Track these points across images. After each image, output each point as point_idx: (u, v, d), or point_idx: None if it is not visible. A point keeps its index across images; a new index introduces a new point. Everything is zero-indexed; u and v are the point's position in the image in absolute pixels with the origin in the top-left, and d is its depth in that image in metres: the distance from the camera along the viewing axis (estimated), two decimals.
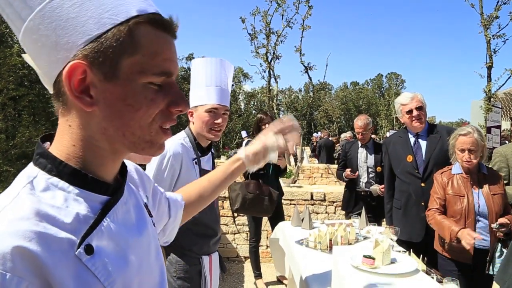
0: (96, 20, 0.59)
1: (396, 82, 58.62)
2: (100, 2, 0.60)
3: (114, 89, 0.61)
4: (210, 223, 2.02)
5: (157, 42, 0.63)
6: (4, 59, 8.00)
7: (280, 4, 10.36)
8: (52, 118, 11.99)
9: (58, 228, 0.58)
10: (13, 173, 8.43)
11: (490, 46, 8.55)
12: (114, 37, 0.60)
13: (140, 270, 0.72)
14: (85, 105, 0.61)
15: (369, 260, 2.04)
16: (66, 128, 0.65)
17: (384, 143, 3.65)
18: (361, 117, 4.32)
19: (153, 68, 0.63)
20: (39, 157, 0.65)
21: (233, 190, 3.86)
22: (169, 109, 0.67)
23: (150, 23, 0.63)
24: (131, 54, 0.61)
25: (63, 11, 0.59)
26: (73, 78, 0.60)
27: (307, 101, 35.80)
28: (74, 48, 0.59)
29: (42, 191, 0.61)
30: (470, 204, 2.53)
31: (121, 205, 0.71)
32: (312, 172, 10.58)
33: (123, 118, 0.63)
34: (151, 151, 0.68)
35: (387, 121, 49.19)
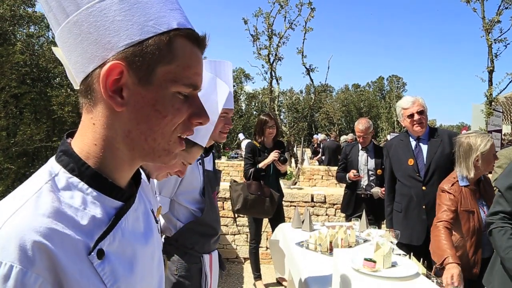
0: (140, 26, 0.63)
1: (397, 85, 58.58)
2: (146, 11, 0.64)
3: (146, 93, 0.64)
4: (212, 222, 2.05)
5: (190, 55, 0.67)
6: (7, 57, 8.02)
7: (283, 6, 10.40)
8: (54, 117, 12.01)
9: (74, 229, 0.59)
10: (14, 171, 8.47)
11: (491, 50, 8.57)
12: (155, 44, 0.63)
13: (142, 278, 0.73)
14: (116, 105, 0.63)
15: (370, 263, 2.05)
16: (90, 126, 0.66)
17: (385, 147, 3.64)
18: (362, 121, 4.32)
19: (184, 79, 0.66)
20: (63, 154, 0.66)
21: (234, 191, 3.90)
22: (190, 120, 0.69)
23: (187, 37, 0.67)
24: (168, 63, 0.64)
25: (110, 13, 0.62)
26: (110, 77, 0.61)
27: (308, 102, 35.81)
28: (114, 49, 0.62)
29: (62, 189, 0.62)
30: (479, 220, 2.44)
31: (132, 212, 0.73)
32: (313, 174, 10.59)
33: (149, 122, 0.65)
34: (166, 159, 0.70)
35: (387, 124, 49.14)
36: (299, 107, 46.43)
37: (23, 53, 10.84)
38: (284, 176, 4.63)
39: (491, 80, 8.57)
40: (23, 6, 13.70)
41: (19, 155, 9.37)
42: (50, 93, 12.49)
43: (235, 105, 36.77)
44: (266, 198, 3.91)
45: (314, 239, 2.78)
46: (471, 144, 2.46)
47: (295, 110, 44.77)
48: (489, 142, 2.45)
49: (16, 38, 11.92)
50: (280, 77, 11.31)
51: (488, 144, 2.44)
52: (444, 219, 2.44)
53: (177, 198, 1.99)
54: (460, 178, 2.53)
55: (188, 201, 2.00)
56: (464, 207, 2.45)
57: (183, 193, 1.99)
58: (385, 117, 50.70)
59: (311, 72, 10.34)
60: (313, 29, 10.20)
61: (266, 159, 4.07)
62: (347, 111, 54.99)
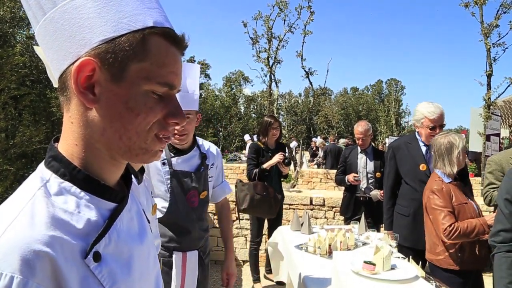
0: (114, 23, 0.63)
1: (396, 89, 58.61)
2: (121, 9, 0.64)
3: (118, 90, 0.64)
4: (182, 222, 2.13)
5: (166, 54, 0.66)
6: (7, 59, 8.02)
7: (282, 9, 10.43)
8: (53, 118, 11.99)
9: (70, 233, 0.59)
10: (12, 172, 8.44)
11: (490, 54, 8.60)
12: (128, 41, 0.63)
13: (140, 278, 0.73)
14: (87, 102, 0.63)
15: (370, 265, 2.06)
16: (69, 125, 0.66)
17: (391, 147, 3.50)
18: (361, 123, 4.34)
19: (158, 77, 0.65)
20: (52, 160, 0.66)
21: (241, 190, 3.99)
22: (166, 120, 0.69)
23: (163, 35, 0.66)
24: (141, 60, 0.64)
25: (85, 10, 0.62)
26: (81, 73, 0.62)
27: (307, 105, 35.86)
28: (87, 45, 0.62)
29: (55, 195, 0.62)
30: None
31: (126, 213, 0.73)
32: (311, 177, 10.59)
33: (122, 120, 0.64)
34: (144, 158, 0.69)
35: (386, 127, 49.21)
36: (298, 110, 46.45)
37: (23, 55, 10.83)
38: (285, 178, 4.68)
39: (490, 84, 8.59)
40: (23, 8, 13.66)
41: (18, 157, 9.35)
42: (50, 95, 12.47)
43: (234, 108, 36.83)
44: (271, 199, 3.99)
45: (313, 242, 2.78)
46: (452, 142, 2.61)
47: (294, 113, 44.80)
48: (464, 139, 2.64)
49: (16, 40, 11.91)
50: (280, 80, 11.35)
51: (464, 141, 2.63)
52: (451, 221, 2.46)
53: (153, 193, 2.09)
54: (443, 176, 2.63)
55: (158, 197, 2.12)
56: (457, 201, 2.53)
57: (154, 190, 2.11)
58: (383, 120, 50.77)
59: (310, 75, 10.37)
60: (312, 32, 10.23)
61: (270, 160, 4.15)
62: (345, 114, 55.02)
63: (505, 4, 8.51)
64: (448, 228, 2.44)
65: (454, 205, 2.52)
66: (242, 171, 10.53)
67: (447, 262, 2.53)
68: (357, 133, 4.30)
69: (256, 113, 45.70)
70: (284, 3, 10.35)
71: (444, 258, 2.55)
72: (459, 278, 2.50)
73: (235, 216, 5.28)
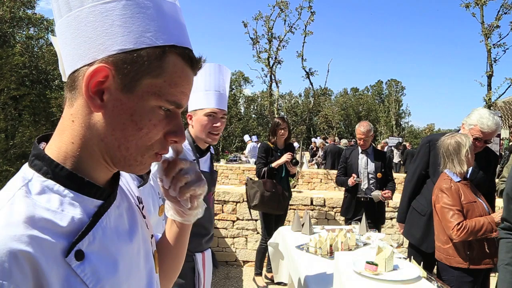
0: (137, 35, 0.63)
1: (396, 89, 58.68)
2: (147, 23, 0.64)
3: (126, 101, 0.64)
4: (204, 222, 2.08)
5: (180, 74, 0.67)
6: (7, 59, 8.02)
7: (283, 10, 10.41)
8: (53, 119, 12.00)
9: (52, 232, 0.58)
10: (12, 173, 8.44)
11: (490, 55, 8.60)
12: (147, 56, 0.63)
13: (129, 276, 0.72)
14: (94, 106, 0.63)
15: (372, 266, 2.05)
16: (69, 123, 0.66)
17: (429, 141, 3.18)
18: (363, 123, 4.33)
19: (169, 95, 0.66)
20: (35, 159, 0.65)
21: (251, 188, 4.20)
22: (166, 138, 0.69)
23: (182, 56, 0.67)
24: (155, 76, 0.64)
25: (111, 16, 0.63)
26: (94, 78, 0.62)
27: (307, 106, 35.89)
28: (106, 51, 0.62)
29: (37, 194, 0.61)
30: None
31: (114, 210, 0.71)
32: (312, 177, 10.59)
33: (124, 131, 0.65)
34: (137, 169, 0.69)
35: (386, 127, 49.27)
36: (298, 111, 46.51)
37: (23, 55, 10.84)
38: (293, 177, 4.79)
39: (490, 85, 8.59)
40: (22, 8, 13.71)
41: (18, 157, 9.35)
42: (49, 95, 12.50)
43: (234, 108, 36.88)
44: (279, 196, 4.20)
45: (314, 242, 2.78)
46: (459, 142, 2.63)
47: (294, 114, 44.83)
48: (470, 138, 2.65)
49: (15, 40, 11.93)
50: (280, 80, 11.33)
51: (471, 139, 2.65)
52: (459, 220, 2.47)
53: None
54: (452, 175, 2.64)
55: None
56: (466, 200, 2.55)
57: None
58: (383, 121, 50.84)
59: (311, 76, 10.35)
60: (313, 32, 10.22)
61: (279, 159, 4.30)
62: (345, 114, 55.12)
63: (506, 5, 8.50)
64: (456, 227, 2.45)
65: (463, 204, 2.54)
66: (243, 171, 10.53)
67: (456, 261, 2.53)
68: (359, 133, 4.29)
69: (256, 114, 45.76)
70: (285, 3, 10.34)
71: (453, 256, 2.55)
72: (469, 276, 2.51)
73: (236, 217, 5.29)
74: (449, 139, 2.68)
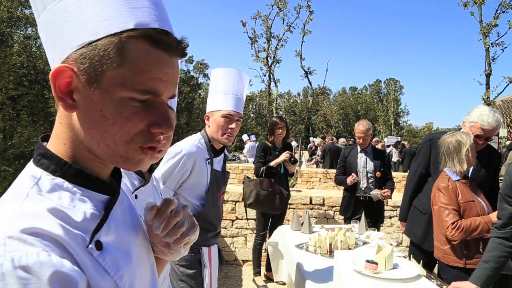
0: (93, 27, 0.60)
1: (395, 88, 58.73)
2: (102, 10, 0.61)
3: (94, 97, 0.61)
4: (212, 219, 2.16)
5: (146, 59, 0.61)
6: (4, 59, 8.01)
7: (281, 9, 10.43)
8: (51, 119, 11.96)
9: (71, 225, 0.60)
10: (11, 173, 8.42)
11: (489, 54, 8.63)
12: (104, 46, 0.60)
13: (139, 266, 0.74)
14: (66, 107, 0.62)
15: (372, 265, 2.05)
16: (58, 126, 0.67)
17: (430, 140, 3.21)
18: (362, 122, 4.31)
19: (135, 84, 0.61)
20: (41, 158, 0.65)
21: (247, 186, 4.17)
22: (150, 129, 0.65)
23: (146, 38, 0.62)
24: (117, 66, 0.60)
25: (67, 12, 0.61)
26: (59, 80, 0.61)
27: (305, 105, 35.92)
28: (68, 49, 0.61)
29: (48, 192, 0.61)
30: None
31: (119, 205, 0.73)
32: (311, 176, 10.59)
33: (98, 128, 0.63)
34: (125, 165, 0.68)
35: (385, 126, 49.32)
36: (297, 110, 46.53)
37: (21, 55, 10.81)
38: (292, 176, 4.77)
39: (489, 84, 8.63)
40: (20, 8, 13.67)
41: (16, 157, 9.34)
42: (48, 95, 12.46)
43: None
44: (277, 195, 4.17)
45: (314, 241, 2.78)
46: (460, 140, 2.61)
47: (293, 113, 44.85)
48: (471, 138, 2.63)
49: (13, 40, 11.89)
50: (278, 79, 11.35)
51: (471, 139, 2.63)
52: (454, 219, 2.48)
53: (183, 192, 2.10)
54: (452, 174, 2.63)
55: (193, 196, 2.11)
56: (464, 199, 2.54)
57: (189, 188, 2.10)
58: (382, 120, 50.87)
59: (310, 75, 10.37)
60: (311, 31, 10.24)
61: (277, 158, 4.30)
62: (344, 114, 55.14)
63: (504, 4, 8.54)
64: (451, 226, 2.45)
65: (460, 203, 2.53)
66: (241, 170, 10.52)
67: (453, 260, 2.54)
68: (358, 132, 4.26)
69: (254, 113, 45.76)
70: (283, 3, 10.36)
71: (450, 255, 2.56)
72: (467, 275, 2.50)
73: (235, 216, 5.29)
74: (450, 138, 2.67)
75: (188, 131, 29.09)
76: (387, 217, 5.38)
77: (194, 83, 35.18)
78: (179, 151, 2.02)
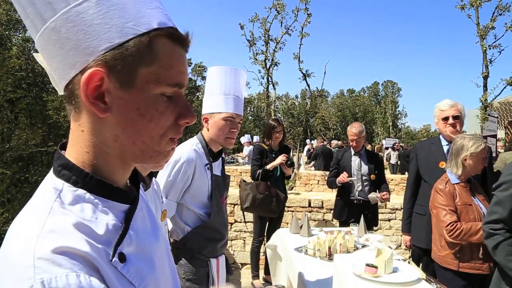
0: (119, 28, 0.61)
1: (392, 90, 58.88)
2: (124, 12, 0.62)
3: (128, 97, 0.63)
4: (219, 227, 2.06)
5: (172, 55, 0.66)
6: (3, 61, 7.99)
7: (279, 11, 10.45)
8: (49, 121, 11.94)
9: (94, 239, 0.60)
10: (9, 176, 8.40)
11: (486, 56, 8.66)
12: (135, 46, 0.61)
13: (162, 273, 0.75)
14: (99, 111, 0.62)
15: (372, 268, 2.05)
16: (79, 134, 0.65)
17: (414, 148, 3.53)
18: (355, 125, 4.25)
19: (168, 79, 0.65)
20: (62, 169, 0.65)
21: (244, 190, 4.16)
22: (177, 122, 0.68)
23: (169, 36, 0.66)
24: (149, 64, 0.63)
25: (87, 16, 0.60)
26: (90, 84, 0.60)
27: (303, 107, 35.91)
28: (94, 53, 0.61)
29: (70, 204, 0.61)
30: (478, 211, 2.52)
31: (139, 212, 0.73)
32: (309, 179, 10.58)
33: (135, 126, 0.64)
34: (158, 159, 0.69)
35: (383, 129, 49.37)
36: (295, 112, 46.52)
37: (19, 57, 10.79)
38: (288, 179, 4.75)
39: (486, 86, 8.65)
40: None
41: (14, 160, 9.31)
42: (46, 98, 12.44)
43: None
44: (273, 198, 4.16)
45: (313, 244, 2.77)
46: (463, 144, 2.61)
47: (291, 115, 44.84)
48: (480, 146, 2.57)
49: (11, 42, 11.87)
50: (277, 82, 11.36)
51: (479, 147, 2.56)
52: (452, 219, 2.49)
53: (185, 202, 1.99)
54: (451, 176, 2.64)
55: (196, 205, 2.00)
56: (460, 201, 2.54)
57: (191, 197, 2.00)
58: (380, 122, 50.93)
59: (308, 77, 10.38)
60: (309, 34, 10.25)
61: (274, 161, 4.28)
62: (342, 116, 55.14)
63: (501, 6, 8.57)
64: (450, 226, 2.46)
65: (457, 205, 2.53)
66: (240, 173, 10.51)
67: (446, 261, 2.55)
68: (351, 135, 4.20)
69: (253, 116, 45.75)
70: (281, 5, 10.37)
71: (444, 256, 2.57)
72: (461, 280, 2.50)
73: (233, 219, 5.28)
74: (459, 139, 2.67)
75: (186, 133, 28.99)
76: (385, 220, 5.38)
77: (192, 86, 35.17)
78: (177, 159, 1.92)
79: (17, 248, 0.54)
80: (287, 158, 4.28)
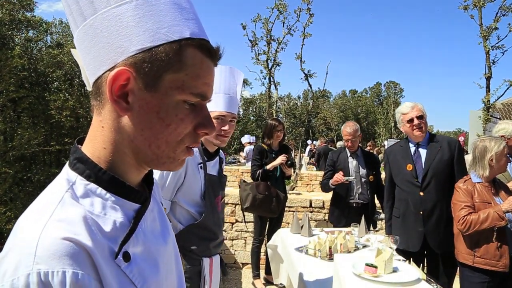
0: (152, 33, 0.63)
1: (395, 91, 58.76)
2: (160, 19, 0.64)
3: (151, 99, 0.64)
4: (212, 227, 2.05)
5: (201, 66, 0.67)
6: (6, 61, 8.02)
7: (281, 12, 10.46)
8: (52, 121, 11.99)
9: (100, 234, 0.61)
10: (11, 175, 8.43)
11: (489, 57, 8.64)
12: (165, 52, 0.63)
13: (167, 277, 0.75)
14: (121, 110, 0.64)
15: (372, 268, 2.05)
16: (99, 129, 0.67)
17: (386, 152, 3.62)
18: (349, 124, 4.08)
19: (192, 88, 0.66)
20: (77, 162, 0.67)
21: (244, 190, 4.15)
22: (196, 131, 0.69)
23: (199, 47, 0.67)
24: (176, 71, 0.64)
25: (124, 18, 0.63)
26: (116, 82, 0.62)
27: (306, 108, 35.92)
28: (124, 53, 0.63)
29: (81, 197, 0.63)
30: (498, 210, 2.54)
31: (149, 213, 0.74)
32: (310, 179, 10.58)
33: (153, 129, 0.65)
34: (171, 166, 0.71)
35: (385, 129, 49.27)
36: (297, 113, 46.49)
37: (22, 57, 10.82)
38: (288, 179, 4.75)
39: (489, 87, 8.64)
40: (22, 11, 13.71)
41: (17, 160, 9.34)
42: (48, 98, 12.48)
43: None
44: (273, 198, 4.15)
45: (314, 244, 2.77)
46: (486, 146, 2.70)
47: (293, 116, 44.83)
48: (502, 144, 2.69)
49: (14, 42, 11.92)
50: (279, 82, 11.36)
51: (501, 146, 2.68)
52: (463, 214, 2.58)
53: (178, 200, 1.99)
54: (474, 176, 2.73)
55: (188, 203, 2.00)
56: (479, 198, 2.61)
57: (184, 196, 1.99)
58: (382, 122, 50.81)
59: (310, 78, 10.38)
60: (311, 34, 10.26)
61: (274, 161, 4.28)
62: (344, 116, 54.98)
63: (504, 7, 8.55)
64: (461, 220, 2.56)
65: (475, 202, 2.61)
66: (241, 173, 10.52)
67: (463, 257, 2.62)
68: (346, 135, 4.01)
69: (255, 116, 45.76)
70: (283, 6, 10.38)
71: (460, 251, 2.66)
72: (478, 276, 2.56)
73: (235, 219, 5.29)
74: (480, 142, 2.76)
75: None
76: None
77: None
78: None
79: (25, 231, 0.56)
80: (287, 158, 4.28)
